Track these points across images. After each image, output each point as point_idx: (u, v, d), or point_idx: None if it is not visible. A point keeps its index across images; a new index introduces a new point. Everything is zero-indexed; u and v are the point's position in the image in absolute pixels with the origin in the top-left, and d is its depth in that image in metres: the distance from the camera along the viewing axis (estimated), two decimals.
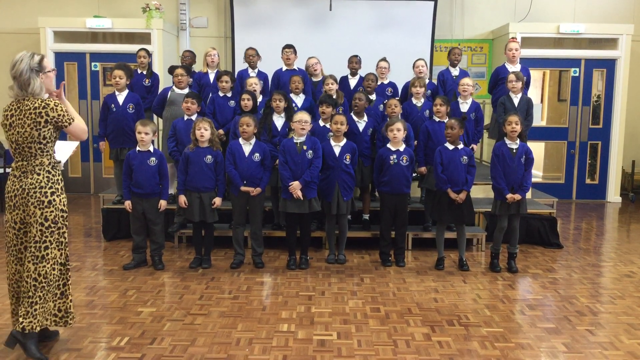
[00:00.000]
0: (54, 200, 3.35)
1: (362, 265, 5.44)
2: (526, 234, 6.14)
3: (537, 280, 5.08)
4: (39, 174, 3.32)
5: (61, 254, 3.42)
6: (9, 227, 3.39)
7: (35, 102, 3.28)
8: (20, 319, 3.28)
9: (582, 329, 3.97)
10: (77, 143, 5.14)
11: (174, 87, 6.19)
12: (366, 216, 6.07)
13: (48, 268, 3.33)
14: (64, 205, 3.41)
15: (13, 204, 3.34)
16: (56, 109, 3.31)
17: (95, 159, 9.08)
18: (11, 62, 3.26)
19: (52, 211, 3.33)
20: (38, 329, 3.33)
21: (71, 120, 3.37)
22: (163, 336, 3.74)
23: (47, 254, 3.33)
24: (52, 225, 3.34)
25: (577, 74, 9.02)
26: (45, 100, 3.31)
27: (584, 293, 4.73)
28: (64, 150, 4.87)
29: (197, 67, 7.14)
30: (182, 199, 5.19)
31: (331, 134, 5.39)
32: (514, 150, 5.12)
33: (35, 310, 3.30)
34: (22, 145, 3.30)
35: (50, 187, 3.34)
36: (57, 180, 3.40)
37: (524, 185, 5.12)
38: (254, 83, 5.95)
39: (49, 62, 3.42)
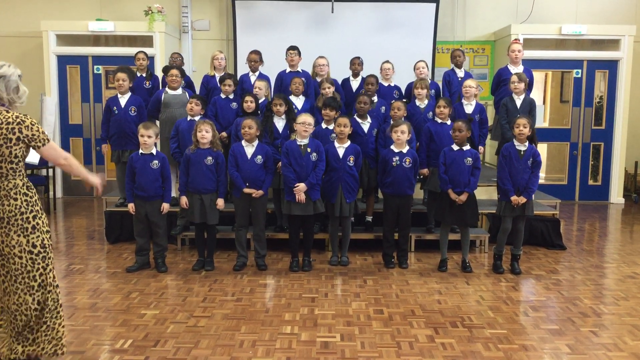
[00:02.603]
0: (38, 224, 3.13)
1: (365, 267, 5.43)
2: (529, 235, 6.13)
3: (540, 281, 5.07)
4: (16, 199, 3.07)
5: (53, 277, 3.22)
6: None
7: (9, 117, 3.02)
8: (20, 348, 3.14)
9: (585, 330, 3.96)
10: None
11: (167, 89, 6.20)
12: (369, 218, 6.07)
13: (46, 295, 3.16)
14: (47, 226, 3.21)
15: None
16: (31, 128, 3.05)
17: (98, 162, 9.09)
18: None
19: (38, 236, 3.12)
20: (46, 356, 3.20)
21: (46, 141, 3.11)
22: (166, 338, 3.74)
23: (43, 281, 3.14)
24: (42, 250, 3.13)
25: (579, 75, 9.01)
26: (21, 116, 3.06)
27: (587, 294, 4.73)
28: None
29: (203, 71, 7.13)
30: (184, 200, 5.19)
31: (334, 135, 5.39)
32: (522, 152, 5.11)
33: (39, 337, 3.16)
34: None
35: (31, 211, 3.11)
36: (35, 201, 3.16)
37: (529, 187, 5.11)
38: (258, 87, 5.96)
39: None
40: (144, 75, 6.81)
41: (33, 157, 7.62)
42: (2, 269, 3.13)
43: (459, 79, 6.83)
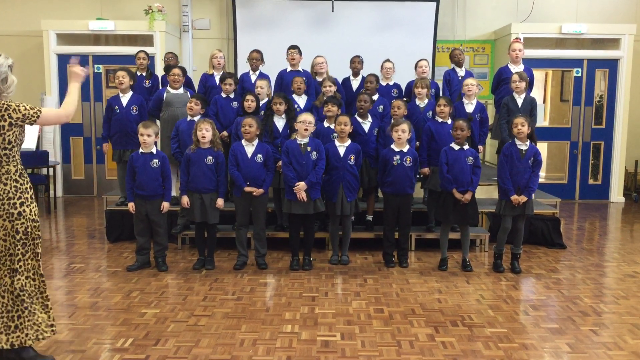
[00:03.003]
0: (24, 211, 3.17)
1: (366, 266, 5.44)
2: (529, 234, 6.13)
3: (540, 280, 5.07)
4: (5, 184, 3.13)
5: (39, 265, 3.27)
6: None
7: None
8: (4, 336, 3.16)
9: (585, 329, 3.96)
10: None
11: (168, 87, 6.20)
12: (369, 217, 6.07)
13: (23, 280, 3.19)
14: (35, 215, 3.24)
15: None
16: (19, 110, 3.11)
17: (99, 161, 9.09)
18: None
19: (22, 223, 3.17)
20: (30, 342, 3.21)
21: (38, 112, 3.16)
22: (167, 337, 3.75)
23: (21, 266, 3.18)
24: (24, 237, 3.18)
25: (579, 74, 9.01)
26: (6, 102, 3.11)
27: (587, 293, 4.73)
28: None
29: (202, 70, 7.13)
30: (185, 199, 5.20)
31: (335, 134, 5.40)
32: (523, 152, 5.11)
33: (21, 323, 3.19)
34: None
35: (19, 198, 3.16)
36: (26, 189, 3.21)
37: (529, 186, 5.11)
38: (260, 86, 5.96)
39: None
40: (144, 74, 6.81)
41: (29, 143, 7.66)
42: None
43: (460, 78, 6.84)
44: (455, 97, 6.44)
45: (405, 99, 6.27)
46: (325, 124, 5.60)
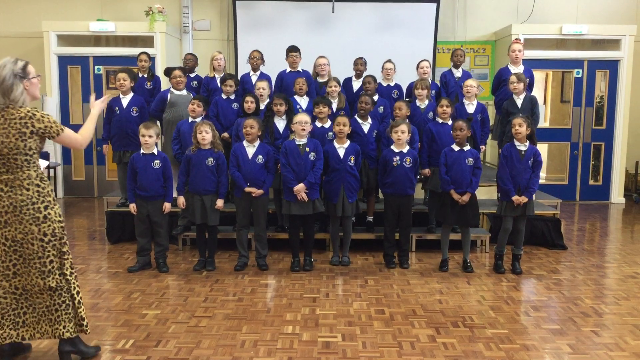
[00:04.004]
0: (49, 214, 3.26)
1: (366, 267, 5.44)
2: (530, 235, 6.13)
3: (541, 281, 5.07)
4: (28, 189, 3.21)
5: (67, 264, 3.36)
6: (0, 244, 3.25)
7: (21, 112, 3.16)
8: (49, 328, 3.32)
9: (587, 330, 3.96)
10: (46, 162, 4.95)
11: (172, 89, 6.20)
12: (370, 218, 6.07)
13: (57, 279, 3.30)
14: (59, 216, 3.33)
15: (4, 220, 3.21)
16: (42, 120, 3.18)
17: (99, 162, 9.10)
18: None
19: (49, 225, 3.26)
20: (68, 335, 3.33)
21: (60, 130, 3.24)
22: (168, 339, 3.75)
23: (53, 267, 3.29)
24: (52, 238, 3.27)
25: (580, 75, 9.01)
26: (32, 110, 3.18)
27: (588, 294, 4.73)
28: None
29: (203, 71, 7.14)
30: (181, 200, 5.21)
31: (331, 134, 5.39)
32: (523, 152, 5.11)
33: (59, 316, 3.31)
34: (6, 157, 3.16)
35: (43, 202, 3.25)
36: (48, 192, 3.29)
37: (530, 187, 5.11)
38: (261, 87, 5.96)
39: (33, 69, 3.28)
40: (146, 76, 6.81)
41: (41, 164, 7.64)
42: (14, 253, 3.26)
43: (456, 79, 6.84)
44: (452, 99, 6.43)
45: (407, 100, 6.27)
46: (318, 124, 5.59)
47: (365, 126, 5.72)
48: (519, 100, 6.13)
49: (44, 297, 3.31)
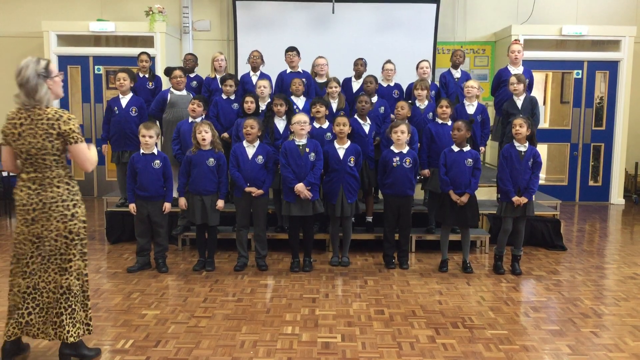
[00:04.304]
0: (76, 212, 3.29)
1: (366, 267, 5.44)
2: (530, 236, 6.13)
3: (541, 282, 5.07)
4: (58, 187, 3.24)
5: (85, 265, 3.38)
6: (24, 240, 3.27)
7: (49, 113, 3.17)
8: (51, 331, 3.30)
9: (586, 331, 3.96)
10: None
11: (172, 89, 6.20)
12: (369, 218, 6.07)
13: (72, 280, 3.30)
14: (84, 216, 3.36)
15: (31, 217, 3.22)
16: (68, 123, 3.19)
17: (99, 162, 8.96)
18: (16, 69, 3.13)
19: (75, 224, 3.28)
20: (72, 339, 3.31)
21: (78, 139, 3.22)
22: (167, 339, 3.75)
23: (71, 266, 3.29)
24: (76, 237, 3.30)
25: (579, 76, 9.01)
26: (59, 111, 3.19)
27: (588, 295, 4.73)
28: None
29: (203, 72, 7.13)
30: (183, 201, 5.21)
31: (329, 134, 5.39)
32: (522, 153, 5.11)
33: (62, 320, 3.29)
34: (35, 157, 3.18)
35: (72, 200, 3.28)
36: (77, 191, 3.33)
37: (530, 188, 5.11)
38: (262, 86, 5.95)
39: (55, 67, 3.29)
40: (147, 76, 6.81)
41: None
42: (36, 250, 3.27)
43: (455, 79, 6.85)
44: (452, 99, 6.43)
45: (410, 102, 6.27)
46: (316, 125, 5.59)
47: (366, 126, 5.71)
48: (519, 101, 6.13)
49: (55, 297, 3.29)
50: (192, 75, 6.92)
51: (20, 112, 3.19)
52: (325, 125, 5.57)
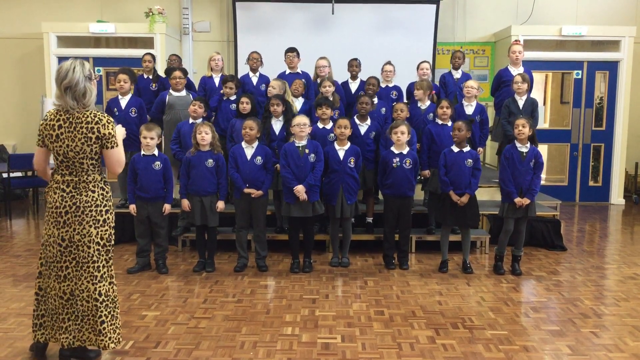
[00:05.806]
0: (108, 218, 3.28)
1: (366, 268, 5.44)
2: (530, 236, 6.12)
3: (541, 282, 5.07)
4: (94, 191, 3.21)
5: (112, 271, 3.37)
6: (53, 243, 3.22)
7: (88, 116, 3.13)
8: (93, 337, 3.28)
9: (586, 332, 3.96)
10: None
11: (170, 90, 6.20)
12: (369, 219, 6.07)
13: (107, 286, 3.30)
14: (114, 222, 3.36)
15: (63, 220, 3.18)
16: (108, 126, 3.16)
17: None
18: (60, 71, 3.08)
19: (106, 230, 3.27)
20: (112, 345, 3.32)
21: (115, 144, 3.20)
22: (167, 340, 3.75)
23: (104, 273, 3.28)
24: (107, 243, 3.29)
25: (579, 76, 9.02)
26: (98, 114, 3.15)
27: (588, 295, 4.73)
28: None
29: (202, 72, 7.14)
30: (185, 202, 5.20)
31: (332, 135, 5.39)
32: (524, 154, 5.10)
33: (104, 328, 3.27)
34: (72, 160, 3.15)
35: (105, 205, 3.26)
36: (110, 196, 3.32)
37: (532, 189, 5.11)
38: (272, 87, 5.95)
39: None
40: (151, 77, 6.80)
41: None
42: (69, 255, 3.22)
43: (455, 80, 6.85)
44: (451, 99, 6.43)
45: (406, 101, 6.27)
46: (320, 125, 5.59)
47: (363, 127, 5.71)
48: (521, 101, 6.13)
49: (89, 305, 3.25)
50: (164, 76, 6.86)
51: (59, 113, 3.14)
52: (329, 126, 5.56)
